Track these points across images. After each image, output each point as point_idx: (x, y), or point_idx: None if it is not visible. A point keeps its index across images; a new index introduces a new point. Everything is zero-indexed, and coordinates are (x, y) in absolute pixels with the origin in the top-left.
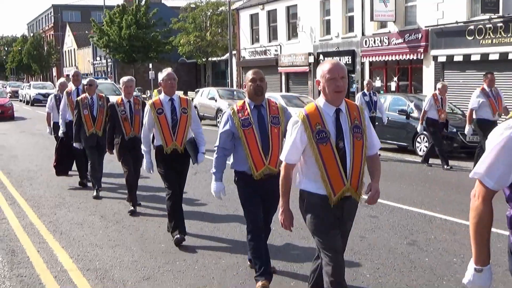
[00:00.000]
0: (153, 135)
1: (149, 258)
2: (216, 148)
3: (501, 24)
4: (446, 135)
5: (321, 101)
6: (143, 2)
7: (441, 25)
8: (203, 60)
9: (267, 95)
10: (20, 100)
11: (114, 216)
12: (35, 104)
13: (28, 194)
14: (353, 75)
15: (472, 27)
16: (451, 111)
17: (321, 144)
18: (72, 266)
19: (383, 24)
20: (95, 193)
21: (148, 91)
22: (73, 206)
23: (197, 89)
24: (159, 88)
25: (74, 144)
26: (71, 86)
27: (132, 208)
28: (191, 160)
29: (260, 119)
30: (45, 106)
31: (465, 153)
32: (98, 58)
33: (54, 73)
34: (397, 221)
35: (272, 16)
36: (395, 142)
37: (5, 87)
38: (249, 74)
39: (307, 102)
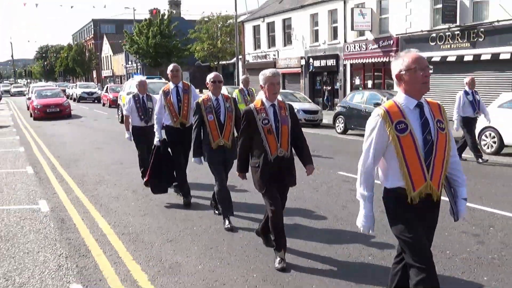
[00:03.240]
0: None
1: (172, 224)
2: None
3: (458, 32)
4: None
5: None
6: (166, 17)
7: (409, 33)
8: (215, 63)
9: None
10: (68, 98)
11: (144, 191)
12: (80, 101)
13: (74, 174)
14: (337, 75)
15: (434, 34)
16: None
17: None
18: (110, 231)
19: (361, 33)
20: (227, 225)
21: None
22: (110, 182)
23: None
24: (240, 88)
25: (193, 159)
26: (168, 84)
27: (281, 262)
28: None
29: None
30: (89, 102)
31: None
32: (129, 62)
33: (94, 75)
34: (376, 197)
35: (271, 27)
36: None
37: (57, 87)
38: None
39: (299, 97)
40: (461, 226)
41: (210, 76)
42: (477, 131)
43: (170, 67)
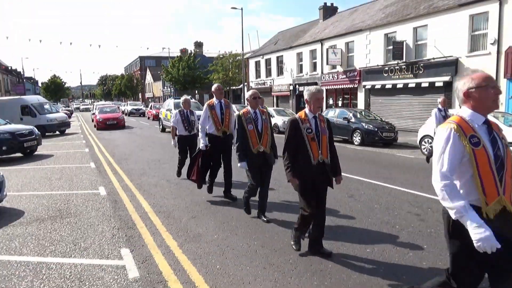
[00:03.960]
0: None
1: (195, 205)
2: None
3: (404, 66)
4: (369, 132)
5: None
6: (192, 54)
7: (368, 67)
8: (227, 88)
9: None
10: (122, 113)
11: (175, 180)
12: (130, 115)
13: (124, 167)
14: None
15: (386, 68)
16: (373, 118)
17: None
18: (150, 209)
19: (334, 67)
20: (245, 208)
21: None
22: (150, 174)
23: None
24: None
25: (240, 164)
26: (212, 100)
27: (297, 243)
28: None
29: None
30: (136, 116)
31: (382, 143)
32: (165, 87)
33: (140, 96)
34: (341, 183)
35: (268, 62)
36: (340, 136)
37: (114, 105)
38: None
39: (288, 113)
40: (407, 208)
41: (249, 93)
42: (418, 139)
43: (215, 86)
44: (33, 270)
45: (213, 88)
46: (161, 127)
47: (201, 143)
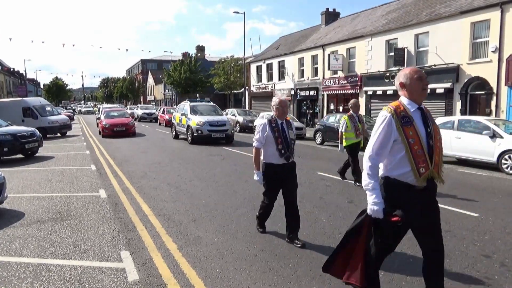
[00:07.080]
0: None
1: (195, 209)
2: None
3: None
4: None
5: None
6: (193, 58)
7: (369, 73)
8: (229, 92)
9: (267, 112)
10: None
11: (175, 183)
12: (141, 121)
13: (125, 170)
14: (317, 102)
15: (388, 74)
16: (374, 123)
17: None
18: (150, 212)
19: (335, 72)
20: None
21: None
22: (151, 177)
23: (225, 110)
24: (349, 114)
25: None
26: (400, 103)
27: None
28: None
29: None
30: (148, 121)
31: None
32: (166, 91)
33: (141, 99)
34: (342, 188)
35: (269, 67)
36: None
37: (123, 108)
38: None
39: (289, 118)
40: None
41: None
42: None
43: (411, 70)
44: (33, 272)
45: (406, 78)
46: (173, 133)
47: (371, 204)
